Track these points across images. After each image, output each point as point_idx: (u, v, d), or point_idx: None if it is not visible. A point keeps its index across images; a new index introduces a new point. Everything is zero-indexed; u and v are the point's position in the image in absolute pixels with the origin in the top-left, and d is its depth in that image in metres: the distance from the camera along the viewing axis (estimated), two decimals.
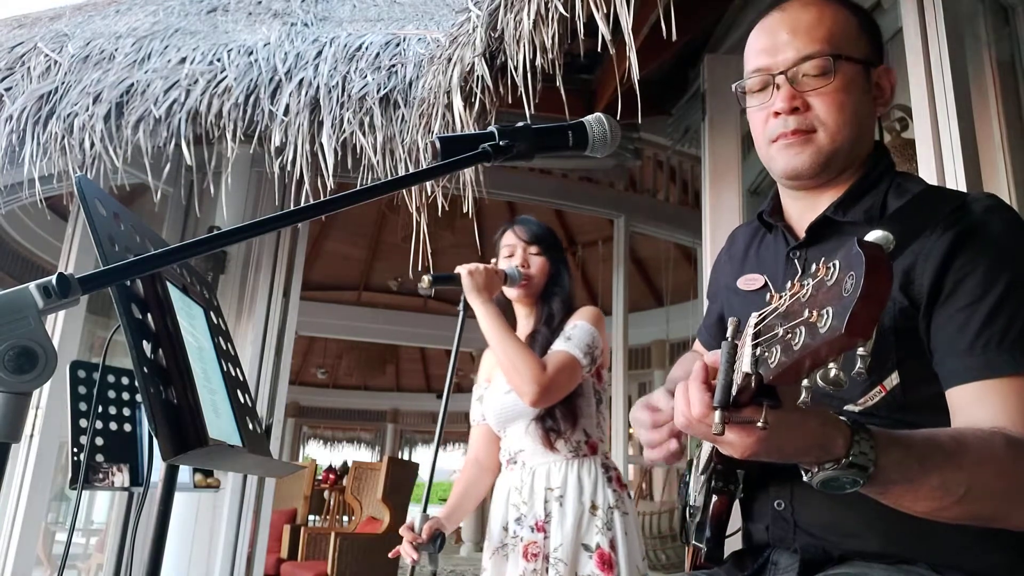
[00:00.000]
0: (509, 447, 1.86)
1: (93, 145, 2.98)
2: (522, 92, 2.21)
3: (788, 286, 0.60)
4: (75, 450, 1.77)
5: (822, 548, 0.90)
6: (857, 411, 0.89)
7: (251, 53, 3.31)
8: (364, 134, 2.96)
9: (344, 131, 2.97)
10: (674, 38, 1.83)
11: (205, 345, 1.04)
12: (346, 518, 7.11)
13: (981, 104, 2.11)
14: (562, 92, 2.18)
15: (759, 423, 0.64)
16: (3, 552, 3.25)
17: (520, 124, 0.84)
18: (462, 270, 1.78)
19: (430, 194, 2.81)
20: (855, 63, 0.95)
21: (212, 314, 1.14)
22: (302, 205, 0.68)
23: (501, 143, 0.81)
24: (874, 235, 0.56)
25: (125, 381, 1.88)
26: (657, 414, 0.94)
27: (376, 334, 8.61)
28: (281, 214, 0.67)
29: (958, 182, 1.74)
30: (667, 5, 1.86)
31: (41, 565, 3.96)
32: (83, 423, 1.80)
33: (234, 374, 1.10)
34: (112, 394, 1.85)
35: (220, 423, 0.94)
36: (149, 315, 0.84)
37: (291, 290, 3.73)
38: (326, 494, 7.73)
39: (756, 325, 0.63)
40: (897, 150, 2.41)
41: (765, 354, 0.59)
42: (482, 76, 2.39)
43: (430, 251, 2.85)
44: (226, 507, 3.32)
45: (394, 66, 3.19)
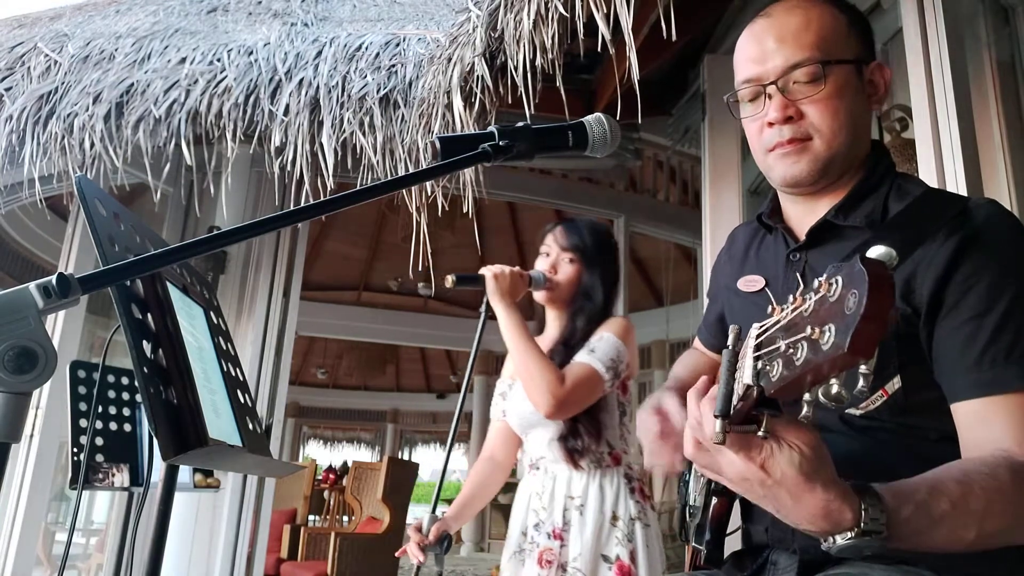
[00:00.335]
0: (531, 452, 1.84)
1: (93, 145, 2.99)
2: (522, 92, 2.21)
3: (790, 299, 0.59)
4: (75, 450, 1.77)
5: (821, 548, 0.90)
6: (859, 415, 0.88)
7: (251, 53, 3.31)
8: (364, 134, 2.96)
9: (344, 131, 2.97)
10: (674, 38, 1.83)
11: (205, 345, 1.04)
12: (346, 518, 7.10)
13: (981, 104, 2.11)
14: (562, 92, 2.18)
15: (759, 432, 0.64)
16: (3, 552, 3.25)
17: (520, 124, 0.83)
18: (487, 272, 1.73)
19: (430, 194, 2.81)
20: (846, 64, 0.94)
21: (212, 314, 1.14)
22: (302, 205, 0.68)
23: (501, 143, 0.81)
24: (876, 251, 0.55)
25: (125, 381, 1.88)
26: (665, 423, 0.95)
27: (376, 334, 8.61)
28: (281, 214, 0.67)
29: (958, 182, 1.74)
30: (667, 5, 1.86)
31: (41, 565, 3.96)
32: (83, 423, 1.80)
33: (234, 374, 1.10)
34: (112, 394, 1.85)
35: (220, 423, 0.94)
36: (149, 315, 0.84)
37: (291, 290, 3.73)
38: (326, 494, 7.73)
39: (758, 337, 0.63)
40: (897, 150, 2.41)
41: (767, 367, 0.59)
42: (482, 76, 2.39)
43: (430, 251, 2.85)
44: (226, 507, 3.32)
45: (394, 66, 3.19)
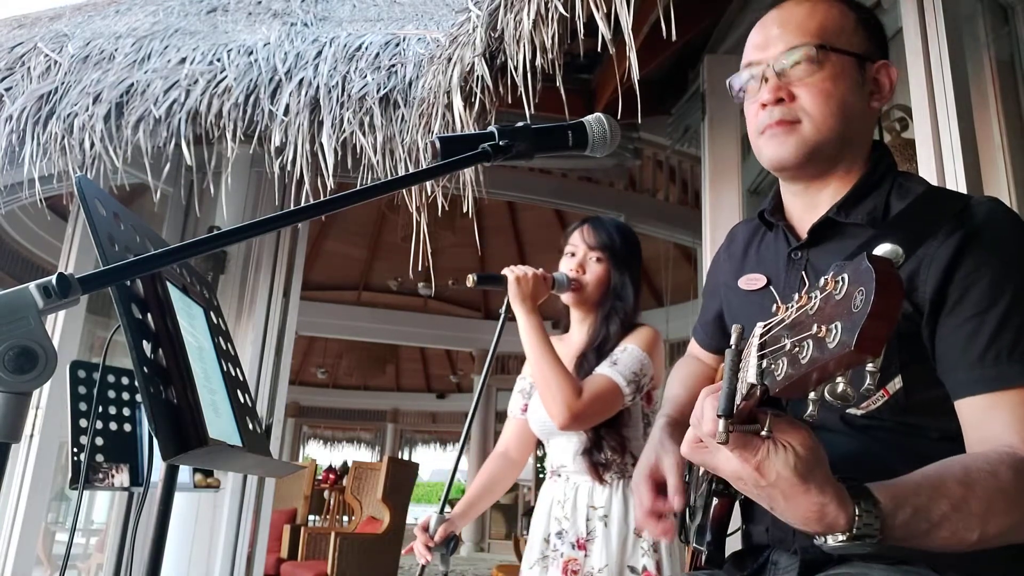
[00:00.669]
0: (552, 459, 1.81)
1: (93, 145, 2.99)
2: (522, 92, 2.21)
3: (795, 298, 0.59)
4: (75, 450, 1.77)
5: (821, 549, 0.90)
6: (859, 414, 0.88)
7: (251, 53, 3.31)
8: (364, 134, 2.96)
9: (344, 131, 2.97)
10: (674, 38, 1.83)
11: (205, 345, 1.04)
12: (346, 518, 7.11)
13: (981, 104, 2.11)
14: (562, 92, 2.18)
15: (763, 432, 0.64)
16: (3, 552, 3.25)
17: (520, 124, 0.84)
18: (509, 274, 1.70)
19: (430, 194, 2.81)
20: (846, 55, 0.95)
21: (212, 314, 1.14)
22: (302, 205, 0.68)
23: (501, 143, 0.81)
24: (883, 249, 0.55)
25: (125, 381, 1.88)
26: (657, 501, 0.97)
27: (376, 334, 8.61)
28: (281, 214, 0.67)
29: (958, 182, 1.74)
30: (667, 5, 1.86)
31: (41, 565, 3.96)
32: (83, 423, 1.80)
33: (234, 374, 1.10)
34: (112, 394, 1.85)
35: (220, 423, 0.94)
36: (149, 315, 0.84)
37: (291, 290, 3.73)
38: (326, 494, 7.73)
39: (762, 336, 0.62)
40: (897, 150, 2.41)
41: (771, 366, 0.59)
42: (482, 76, 2.39)
43: (430, 251, 2.85)
44: (226, 507, 3.32)
45: (394, 66, 3.19)
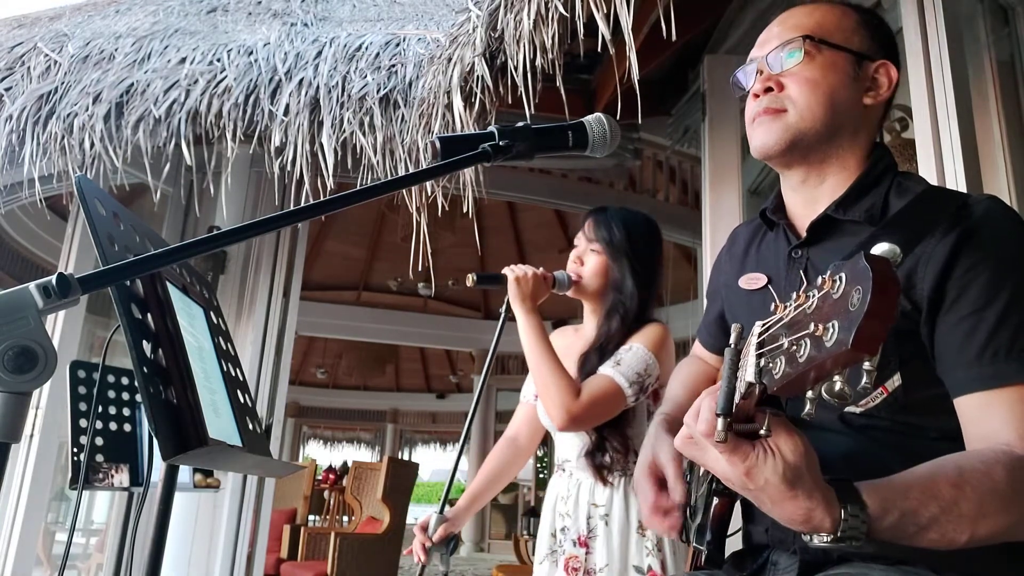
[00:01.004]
0: (558, 453, 1.80)
1: (93, 145, 2.99)
2: (522, 92, 2.21)
3: (793, 296, 0.59)
4: (75, 450, 1.77)
5: (821, 549, 0.90)
6: (858, 413, 0.88)
7: (251, 53, 3.31)
8: (364, 134, 2.96)
9: (344, 131, 2.97)
10: (674, 38, 1.83)
11: (205, 345, 1.04)
12: (346, 518, 7.11)
13: (981, 104, 2.10)
14: (562, 92, 2.18)
15: (761, 431, 0.64)
16: (3, 552, 3.25)
17: (520, 124, 0.84)
18: (509, 274, 1.68)
19: (430, 194, 2.80)
20: (839, 50, 0.96)
21: (212, 314, 1.14)
22: (302, 205, 0.68)
23: (501, 143, 0.81)
24: (881, 248, 0.56)
25: (125, 381, 1.88)
26: (660, 496, 0.98)
27: (376, 334, 8.61)
28: (281, 214, 0.67)
29: (958, 182, 1.74)
30: (667, 5, 1.86)
31: (41, 565, 3.96)
32: (83, 423, 1.80)
33: (234, 374, 1.10)
34: (112, 394, 1.85)
35: (220, 423, 0.94)
36: (149, 315, 0.84)
37: (291, 290, 3.73)
38: (326, 494, 7.74)
39: (760, 335, 0.62)
40: (897, 150, 2.41)
41: (770, 365, 0.59)
42: (482, 76, 2.39)
43: (430, 251, 2.85)
44: (226, 507, 3.32)
45: (394, 66, 3.19)
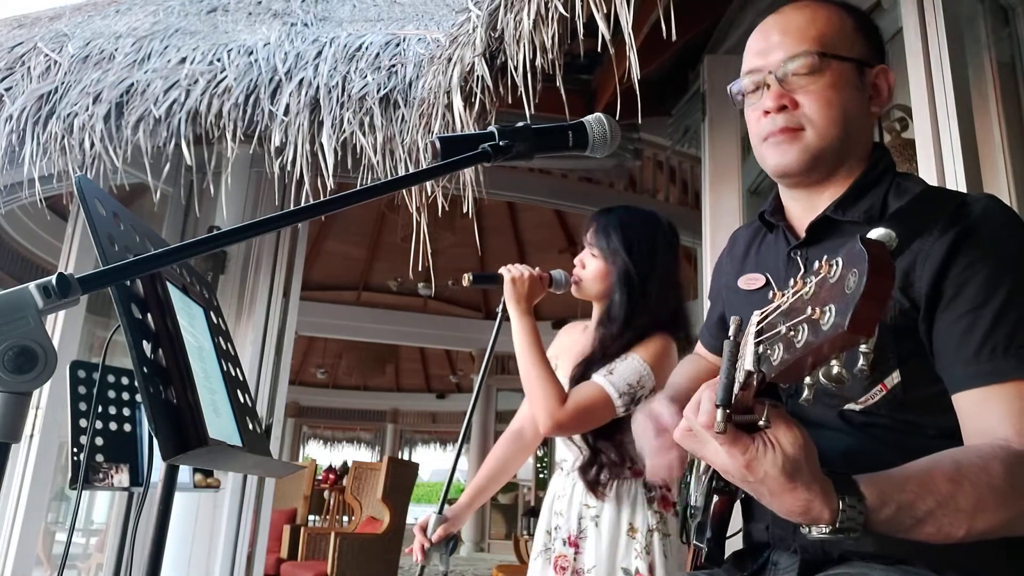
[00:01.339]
0: (558, 450, 1.82)
1: (93, 145, 2.99)
2: (522, 92, 2.21)
3: (791, 284, 0.60)
4: (75, 450, 1.77)
5: (821, 548, 0.90)
6: (858, 410, 0.89)
7: (251, 53, 3.31)
8: (364, 134, 2.96)
9: (344, 131, 2.97)
10: (674, 38, 1.83)
11: (205, 345, 1.04)
12: (346, 518, 7.11)
13: (981, 104, 2.10)
14: (562, 92, 2.17)
15: (760, 421, 0.65)
16: (3, 552, 3.25)
17: (520, 124, 0.84)
18: (505, 274, 1.68)
19: (430, 194, 2.80)
20: (846, 61, 0.96)
21: (212, 314, 1.14)
22: (302, 205, 0.68)
23: (501, 143, 0.81)
24: (877, 232, 0.56)
25: (125, 381, 1.88)
26: (661, 428, 0.98)
27: (376, 334, 8.61)
28: (281, 214, 0.67)
29: (958, 182, 1.74)
30: (667, 5, 1.86)
31: (41, 565, 3.96)
32: (83, 423, 1.80)
33: (234, 374, 1.10)
34: (112, 394, 1.85)
35: (220, 423, 0.95)
36: (149, 315, 0.84)
37: (291, 290, 3.73)
38: (326, 494, 7.74)
39: (759, 323, 0.63)
40: (897, 150, 2.41)
41: (768, 352, 0.59)
42: (482, 76, 2.39)
43: (430, 251, 2.85)
44: (226, 507, 3.32)
45: (394, 66, 3.19)
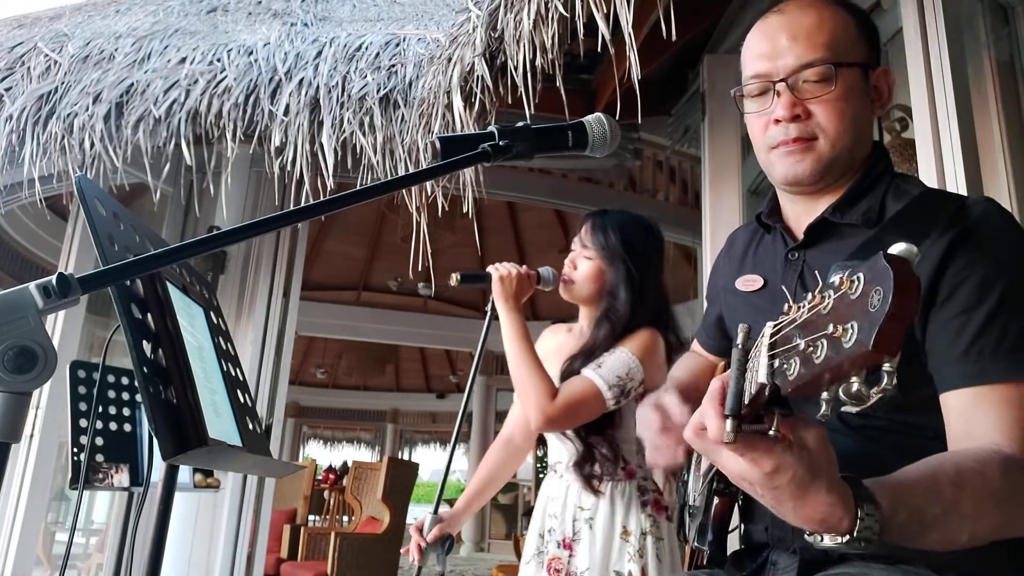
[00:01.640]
0: (551, 454, 1.80)
1: (93, 145, 2.99)
2: (522, 92, 2.21)
3: (808, 297, 0.58)
4: (75, 450, 1.77)
5: (814, 545, 0.90)
6: (855, 412, 0.89)
7: (251, 53, 3.31)
8: (364, 134, 2.96)
9: (344, 131, 2.97)
10: (674, 38, 1.83)
11: (205, 345, 1.04)
12: (346, 518, 7.11)
13: (981, 104, 2.10)
14: (562, 92, 2.17)
15: (770, 431, 0.63)
16: (3, 552, 3.25)
17: (520, 124, 0.84)
18: (493, 273, 1.68)
19: (430, 194, 2.80)
20: (855, 67, 0.94)
21: (212, 314, 1.14)
22: (302, 205, 0.68)
23: (501, 143, 0.81)
24: (899, 248, 0.55)
25: (125, 381, 1.88)
26: (666, 419, 0.96)
27: (376, 334, 8.61)
28: (281, 214, 0.67)
29: (958, 182, 1.74)
30: (667, 5, 1.86)
31: (41, 565, 3.96)
32: (83, 423, 1.80)
33: (234, 374, 1.10)
34: (112, 394, 1.85)
35: (220, 423, 0.94)
36: (149, 315, 0.84)
37: (291, 290, 3.73)
38: (326, 494, 7.74)
39: (772, 335, 0.61)
40: (897, 150, 2.41)
41: (783, 366, 0.58)
42: (482, 76, 2.39)
43: (430, 251, 2.85)
44: (226, 507, 3.32)
45: (394, 66, 3.19)
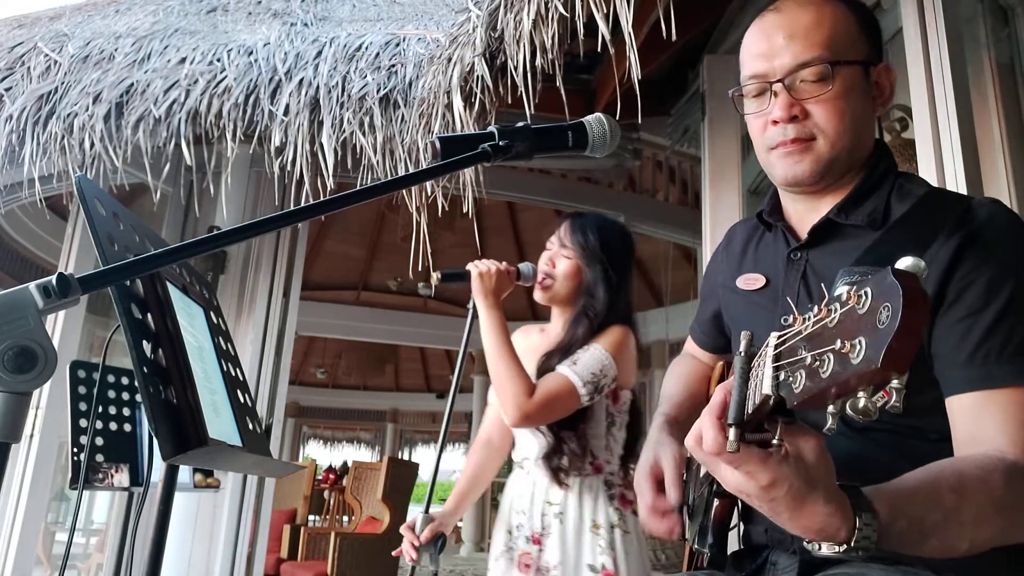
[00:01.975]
0: (518, 451, 1.83)
1: (93, 145, 2.99)
2: (522, 92, 2.21)
3: (813, 309, 0.58)
4: (75, 450, 1.77)
5: (812, 553, 0.90)
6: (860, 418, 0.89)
7: (251, 53, 3.31)
8: (364, 134, 2.96)
9: (344, 131, 2.97)
10: (674, 38, 1.83)
11: (205, 345, 1.04)
12: (346, 518, 7.11)
13: (981, 105, 2.11)
14: (562, 92, 2.17)
15: (774, 439, 0.63)
16: (3, 552, 3.25)
17: (520, 124, 0.83)
18: (473, 270, 1.70)
19: (430, 194, 2.80)
20: (854, 66, 0.93)
21: (212, 314, 1.14)
22: (302, 205, 0.68)
23: (501, 143, 0.81)
24: (905, 263, 0.55)
25: (125, 381, 1.88)
26: (660, 499, 0.98)
27: (375, 334, 8.61)
28: (281, 214, 0.67)
29: (958, 183, 1.74)
30: (667, 5, 1.86)
31: (41, 565, 3.96)
32: (83, 423, 1.80)
33: (234, 374, 1.10)
34: (112, 394, 1.85)
35: (220, 423, 0.94)
36: (149, 315, 0.84)
37: (291, 290, 3.73)
38: (326, 494, 7.73)
39: (777, 346, 0.61)
40: (897, 150, 2.41)
41: (789, 378, 0.58)
42: (482, 76, 2.39)
43: (430, 251, 2.85)
44: (226, 507, 3.32)
45: (394, 66, 3.19)
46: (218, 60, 3.27)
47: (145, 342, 0.80)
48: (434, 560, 1.70)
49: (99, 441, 1.78)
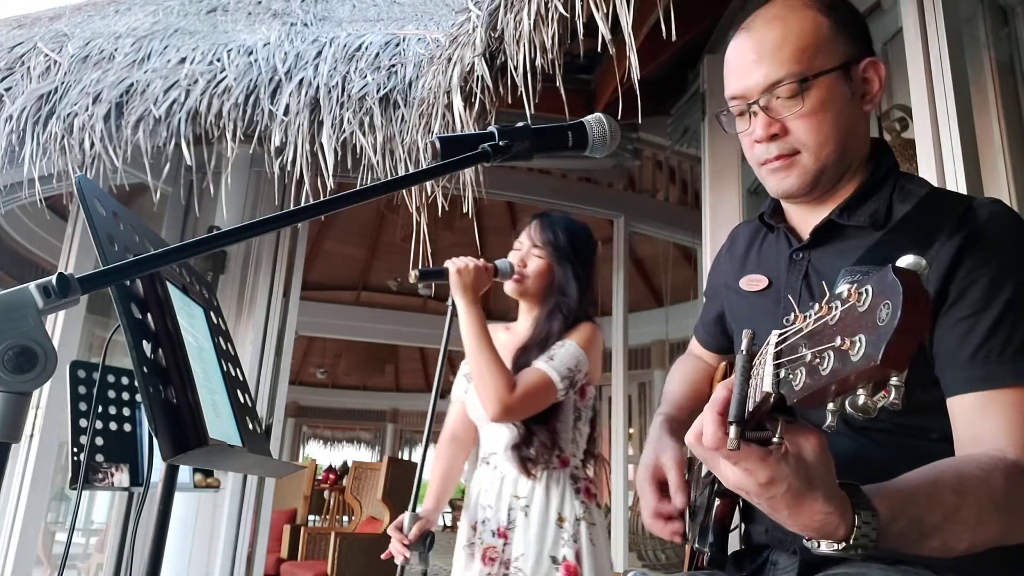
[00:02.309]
0: (484, 446, 1.84)
1: (93, 145, 2.99)
2: (522, 92, 2.21)
3: (814, 307, 0.58)
4: (75, 450, 1.77)
5: (810, 551, 0.90)
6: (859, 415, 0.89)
7: (251, 53, 3.31)
8: (364, 134, 2.96)
9: (344, 131, 2.97)
10: (674, 38, 1.83)
11: (205, 345, 1.04)
12: (346, 518, 7.11)
13: (981, 105, 2.11)
14: (562, 92, 2.18)
15: (774, 438, 0.63)
16: (3, 552, 3.25)
17: (520, 124, 0.83)
18: (451, 267, 1.72)
19: (430, 194, 2.81)
20: (828, 74, 0.92)
21: (212, 314, 1.14)
22: (302, 205, 0.68)
23: (500, 143, 0.81)
24: (906, 260, 0.54)
25: (125, 381, 1.88)
26: (662, 504, 0.98)
27: (375, 334, 8.61)
28: (281, 214, 0.67)
29: (958, 183, 1.74)
30: (667, 5, 1.86)
31: (41, 565, 3.96)
32: (83, 423, 1.80)
33: (234, 374, 1.10)
34: (112, 394, 1.85)
35: (220, 423, 0.94)
36: (149, 315, 0.84)
37: (291, 290, 3.74)
38: (326, 494, 7.74)
39: (778, 344, 0.61)
40: (897, 150, 2.40)
41: (789, 376, 0.58)
42: (482, 76, 2.39)
43: (430, 251, 2.85)
44: (226, 507, 3.32)
45: (394, 66, 3.19)
46: (218, 60, 3.27)
47: (145, 342, 0.80)
48: (423, 559, 1.71)
49: (99, 441, 1.78)
